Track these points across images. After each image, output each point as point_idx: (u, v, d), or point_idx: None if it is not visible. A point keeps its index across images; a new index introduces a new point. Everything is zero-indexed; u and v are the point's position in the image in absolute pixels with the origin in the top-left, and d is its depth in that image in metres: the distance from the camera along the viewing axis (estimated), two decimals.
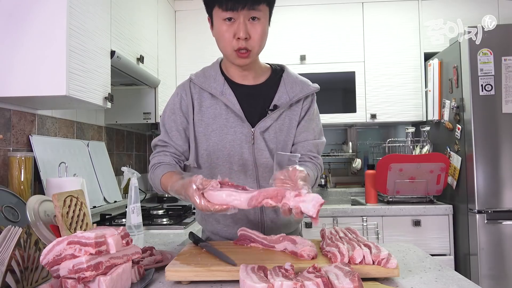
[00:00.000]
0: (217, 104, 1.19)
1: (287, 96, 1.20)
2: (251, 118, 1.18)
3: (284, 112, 1.20)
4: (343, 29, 2.96)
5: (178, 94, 1.23)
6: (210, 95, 1.20)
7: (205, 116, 1.19)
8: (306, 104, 1.24)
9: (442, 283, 0.91)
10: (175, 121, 1.21)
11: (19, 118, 1.67)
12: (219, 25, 1.09)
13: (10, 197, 1.36)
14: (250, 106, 1.18)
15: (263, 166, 1.18)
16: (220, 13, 1.07)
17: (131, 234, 1.65)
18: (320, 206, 0.84)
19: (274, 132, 1.19)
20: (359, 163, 3.14)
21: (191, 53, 2.99)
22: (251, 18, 1.07)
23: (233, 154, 1.18)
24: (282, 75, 1.24)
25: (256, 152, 1.18)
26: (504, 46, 2.31)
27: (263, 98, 1.20)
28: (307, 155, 1.22)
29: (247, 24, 1.07)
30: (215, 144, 1.18)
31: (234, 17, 1.06)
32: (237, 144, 1.17)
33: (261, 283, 0.78)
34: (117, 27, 1.90)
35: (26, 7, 1.42)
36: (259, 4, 1.06)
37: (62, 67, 1.41)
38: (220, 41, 1.12)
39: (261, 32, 1.09)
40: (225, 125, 1.18)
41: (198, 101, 1.20)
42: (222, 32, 1.09)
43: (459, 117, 2.44)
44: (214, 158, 1.19)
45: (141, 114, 2.55)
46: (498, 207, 2.29)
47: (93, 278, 0.81)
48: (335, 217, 2.54)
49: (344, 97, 2.94)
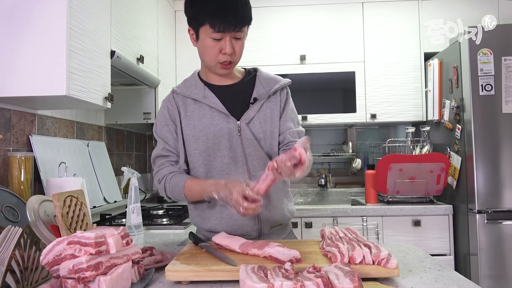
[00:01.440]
0: (201, 107, 1.30)
1: (264, 90, 1.33)
2: (234, 113, 1.28)
3: (264, 104, 1.31)
4: (343, 29, 2.96)
5: (165, 106, 1.34)
6: (193, 101, 1.31)
7: (192, 119, 1.29)
8: (283, 96, 1.36)
9: (442, 283, 0.91)
10: (169, 130, 1.32)
11: (19, 118, 1.67)
12: (206, 41, 1.22)
13: (10, 197, 1.36)
14: (232, 102, 1.30)
15: (251, 155, 1.28)
16: (210, 32, 1.19)
17: (131, 234, 1.66)
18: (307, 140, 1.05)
19: (258, 122, 1.29)
20: (359, 163, 3.14)
21: (191, 53, 2.95)
22: (235, 38, 1.22)
23: (222, 149, 1.27)
24: (256, 74, 1.37)
25: (244, 142, 1.27)
26: (504, 46, 2.31)
27: (242, 94, 1.32)
28: (291, 142, 1.30)
29: (232, 42, 1.21)
30: (204, 143, 1.27)
31: (222, 37, 1.20)
32: (225, 138, 1.26)
33: (261, 283, 0.78)
34: (117, 27, 1.90)
35: (26, 7, 1.42)
36: (244, 26, 1.22)
37: (62, 67, 1.41)
38: (206, 54, 1.25)
39: (242, 47, 1.25)
40: (211, 123, 1.27)
41: (183, 108, 1.31)
42: (209, 47, 1.22)
43: (459, 117, 2.44)
44: (205, 155, 1.28)
45: (141, 114, 2.55)
46: (498, 207, 2.29)
47: (93, 278, 0.81)
48: (335, 217, 2.54)
49: (344, 97, 2.94)
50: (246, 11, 1.21)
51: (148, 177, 3.26)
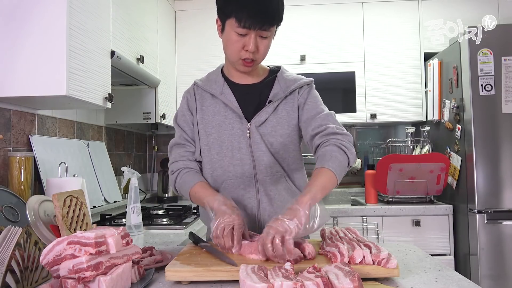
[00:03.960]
0: (216, 103, 1.27)
1: (281, 91, 1.26)
2: (248, 114, 1.24)
3: (280, 106, 1.25)
4: (343, 29, 2.96)
5: (185, 97, 1.34)
6: (211, 96, 1.28)
7: (206, 114, 1.27)
8: (301, 94, 1.28)
9: (442, 283, 0.91)
10: (186, 120, 1.31)
11: (19, 118, 1.67)
12: (231, 34, 1.16)
13: (10, 197, 1.36)
14: (247, 103, 1.26)
15: (259, 160, 1.23)
16: (235, 27, 1.14)
17: (131, 234, 1.66)
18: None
19: (271, 126, 1.24)
20: (359, 163, 3.14)
21: (191, 53, 2.99)
22: (261, 36, 1.16)
23: (232, 149, 1.24)
24: (277, 74, 1.30)
25: (253, 145, 1.23)
26: (504, 46, 2.31)
27: (259, 95, 1.27)
28: (317, 135, 1.19)
29: (258, 40, 1.16)
30: (215, 140, 1.25)
31: (247, 33, 1.14)
32: (235, 139, 1.23)
33: (261, 283, 0.78)
34: (117, 27, 1.90)
35: (26, 7, 1.42)
36: (272, 26, 1.16)
37: (62, 67, 1.41)
38: (229, 48, 1.20)
39: (267, 46, 1.20)
40: (223, 121, 1.25)
41: (200, 101, 1.29)
42: (232, 41, 1.17)
43: (459, 117, 2.44)
44: (214, 153, 1.25)
45: (141, 114, 2.55)
46: (498, 207, 2.29)
47: (93, 278, 0.81)
48: (335, 217, 2.54)
49: (344, 97, 2.94)
50: (276, 10, 1.15)
51: (148, 177, 3.26)
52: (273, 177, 1.24)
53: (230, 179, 1.24)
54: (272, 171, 1.24)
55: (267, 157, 1.23)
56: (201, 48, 2.96)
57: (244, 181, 1.24)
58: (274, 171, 1.24)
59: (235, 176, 1.24)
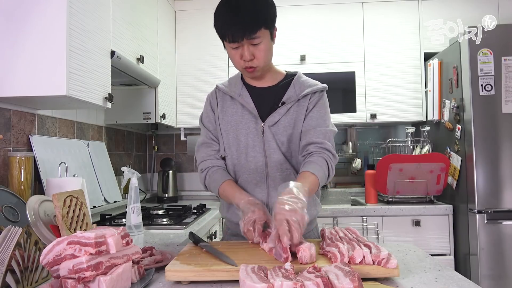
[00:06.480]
0: (235, 105, 1.38)
1: (294, 94, 1.35)
2: (263, 114, 1.34)
3: (292, 108, 1.34)
4: (343, 29, 2.96)
5: (208, 99, 1.45)
6: (230, 98, 1.39)
7: (225, 115, 1.38)
8: (313, 99, 1.36)
9: (442, 283, 0.91)
10: (210, 120, 1.42)
11: (19, 118, 1.67)
12: (229, 50, 1.28)
13: (10, 197, 1.36)
14: (262, 104, 1.35)
15: (270, 157, 1.33)
16: (227, 43, 1.25)
17: (131, 234, 1.66)
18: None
19: (283, 126, 1.33)
20: (359, 163, 3.14)
21: (191, 53, 2.99)
22: (252, 44, 1.23)
23: (247, 146, 1.34)
24: (293, 78, 1.39)
25: (266, 143, 1.33)
26: (504, 46, 2.31)
27: (274, 97, 1.36)
28: (314, 144, 1.29)
29: (250, 48, 1.23)
30: (233, 138, 1.36)
31: (239, 45, 1.23)
32: (250, 137, 1.34)
33: (261, 283, 0.78)
34: (117, 27, 1.90)
35: (26, 7, 1.42)
36: (256, 32, 1.20)
37: (62, 67, 1.41)
38: (232, 61, 1.31)
39: (263, 51, 1.25)
40: (240, 121, 1.35)
41: (221, 103, 1.40)
42: (231, 55, 1.29)
43: (459, 117, 2.44)
44: (234, 150, 1.36)
45: (141, 114, 2.55)
46: (498, 207, 2.29)
47: (93, 278, 0.81)
48: (335, 217, 2.54)
49: (344, 97, 2.94)
50: (256, 16, 1.20)
51: (148, 177, 3.26)
52: (282, 174, 1.34)
53: (245, 174, 1.35)
54: (282, 168, 1.33)
55: (278, 155, 1.32)
56: (201, 48, 2.96)
57: (256, 176, 1.34)
58: (284, 168, 1.34)
59: (249, 171, 1.34)
